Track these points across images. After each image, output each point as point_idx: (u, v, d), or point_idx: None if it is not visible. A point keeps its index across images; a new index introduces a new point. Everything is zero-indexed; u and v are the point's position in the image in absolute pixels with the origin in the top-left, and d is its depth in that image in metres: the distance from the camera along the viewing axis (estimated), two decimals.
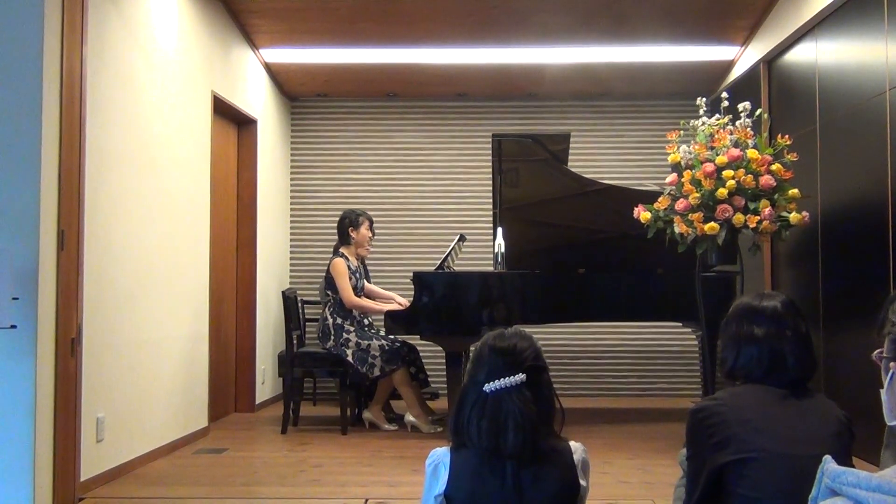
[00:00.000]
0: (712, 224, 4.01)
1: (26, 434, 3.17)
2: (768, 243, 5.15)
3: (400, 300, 5.31)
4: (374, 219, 5.50)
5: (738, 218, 4.01)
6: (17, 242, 3.17)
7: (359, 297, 5.21)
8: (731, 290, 4.63)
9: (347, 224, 5.32)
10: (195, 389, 4.83)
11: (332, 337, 5.09)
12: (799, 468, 1.61)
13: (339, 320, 5.12)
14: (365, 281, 5.40)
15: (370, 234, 5.38)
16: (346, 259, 5.22)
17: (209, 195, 5.07)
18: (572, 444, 1.76)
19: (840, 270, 4.48)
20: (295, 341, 5.24)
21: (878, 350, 1.33)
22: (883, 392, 1.31)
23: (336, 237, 5.42)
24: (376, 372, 5.01)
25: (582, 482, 1.74)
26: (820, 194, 4.62)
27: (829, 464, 1.10)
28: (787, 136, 4.21)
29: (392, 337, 5.13)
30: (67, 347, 3.37)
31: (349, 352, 5.01)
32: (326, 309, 5.20)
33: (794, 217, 4.05)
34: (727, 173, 4.03)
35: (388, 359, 5.00)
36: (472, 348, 1.85)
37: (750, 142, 4.17)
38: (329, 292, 5.21)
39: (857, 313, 4.24)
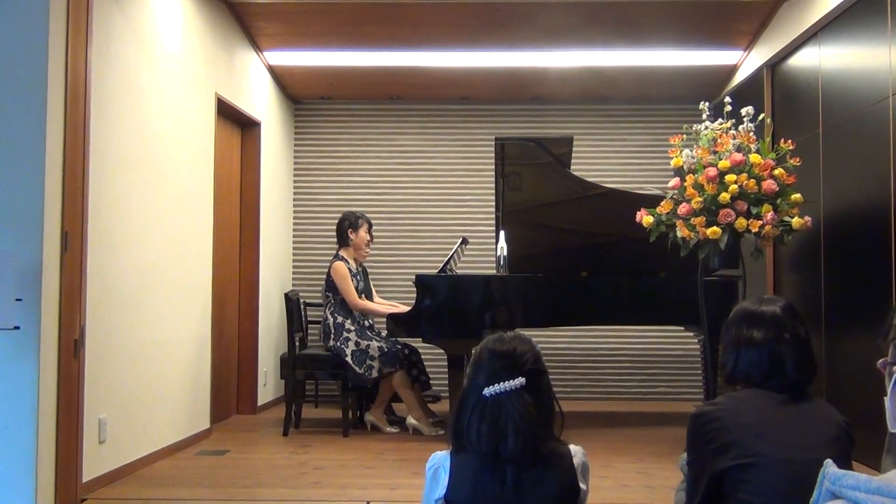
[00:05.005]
0: (714, 228, 4.01)
1: (29, 435, 3.17)
2: (771, 248, 5.15)
3: (402, 308, 5.25)
4: (377, 221, 5.49)
5: (741, 222, 4.01)
6: (21, 243, 3.18)
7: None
8: (733, 295, 4.62)
9: (347, 226, 5.32)
10: (197, 391, 4.84)
11: (333, 335, 5.09)
12: (799, 473, 1.61)
13: (339, 319, 5.13)
14: (365, 285, 5.38)
15: (368, 238, 5.37)
16: (346, 262, 5.23)
17: (212, 197, 5.07)
18: (572, 447, 1.76)
19: (842, 275, 4.48)
20: (297, 343, 5.24)
21: (883, 359, 1.33)
22: (887, 399, 1.32)
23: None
24: (374, 373, 5.01)
25: (582, 486, 1.74)
26: (823, 199, 4.62)
27: (830, 467, 1.10)
28: (790, 141, 4.21)
29: (392, 339, 5.13)
30: (70, 349, 3.38)
31: (348, 351, 5.01)
32: (327, 309, 5.20)
33: (796, 222, 4.05)
34: (730, 178, 4.03)
35: (385, 361, 5.00)
36: (473, 351, 1.84)
37: (753, 146, 4.17)
38: (329, 293, 5.21)
39: (860, 318, 4.24)
